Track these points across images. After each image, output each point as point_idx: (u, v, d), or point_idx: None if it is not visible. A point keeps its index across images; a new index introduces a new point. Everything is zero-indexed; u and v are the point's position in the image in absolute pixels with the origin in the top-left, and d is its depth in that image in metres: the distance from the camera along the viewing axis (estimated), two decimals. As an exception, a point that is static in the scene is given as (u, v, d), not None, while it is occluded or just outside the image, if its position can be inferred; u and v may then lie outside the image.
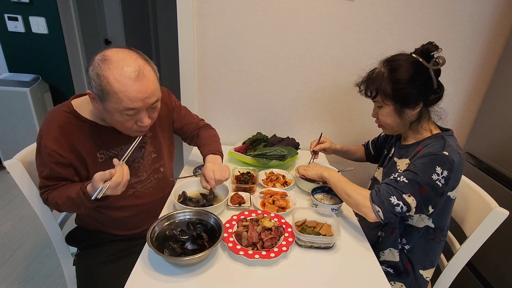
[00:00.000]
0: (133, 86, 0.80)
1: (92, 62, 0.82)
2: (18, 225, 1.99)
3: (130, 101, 0.81)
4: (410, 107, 0.96)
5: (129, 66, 0.81)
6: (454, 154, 0.88)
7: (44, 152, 0.89)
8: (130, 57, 0.83)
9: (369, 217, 0.93)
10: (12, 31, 2.40)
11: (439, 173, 0.87)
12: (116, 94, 0.80)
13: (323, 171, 1.11)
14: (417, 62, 0.93)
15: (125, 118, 0.86)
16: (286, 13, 1.44)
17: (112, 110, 0.84)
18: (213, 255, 0.87)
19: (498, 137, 1.42)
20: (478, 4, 1.41)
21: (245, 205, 1.09)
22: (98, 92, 0.82)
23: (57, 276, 1.64)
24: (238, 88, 1.60)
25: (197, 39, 1.49)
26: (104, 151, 0.98)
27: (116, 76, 0.79)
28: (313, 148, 1.34)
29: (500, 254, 1.35)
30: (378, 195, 0.92)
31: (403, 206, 0.89)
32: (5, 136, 2.44)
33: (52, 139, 0.88)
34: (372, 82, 1.01)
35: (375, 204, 0.92)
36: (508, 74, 1.42)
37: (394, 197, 0.89)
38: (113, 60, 0.80)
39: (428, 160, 0.89)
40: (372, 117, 1.09)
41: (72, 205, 0.89)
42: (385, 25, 1.45)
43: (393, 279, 1.03)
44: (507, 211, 0.92)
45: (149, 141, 1.08)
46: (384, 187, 0.93)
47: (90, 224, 1.10)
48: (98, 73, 0.80)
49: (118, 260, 1.02)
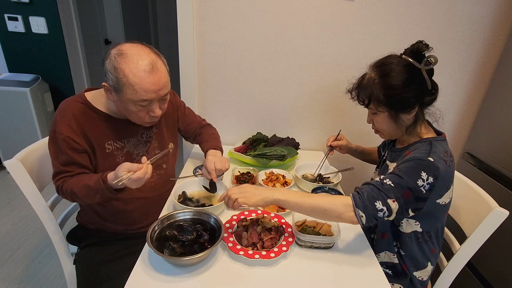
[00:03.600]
0: (147, 79, 0.86)
1: (108, 55, 0.87)
2: (18, 225, 1.99)
3: (145, 93, 0.87)
4: (406, 112, 0.92)
5: (144, 60, 0.86)
6: (439, 161, 0.84)
7: (60, 139, 0.92)
8: (143, 51, 0.88)
9: (353, 223, 0.86)
10: (12, 31, 2.40)
11: (424, 178, 0.83)
12: (132, 86, 0.86)
13: (271, 194, 0.89)
14: (408, 65, 0.89)
15: (139, 109, 0.92)
16: (286, 13, 1.44)
17: (127, 101, 0.89)
18: (213, 255, 0.87)
19: (498, 137, 1.42)
20: (478, 4, 1.41)
21: (245, 205, 1.09)
22: (114, 84, 0.87)
23: (57, 276, 1.64)
24: (238, 88, 1.60)
25: (197, 39, 1.49)
26: (112, 142, 1.01)
27: (132, 69, 0.85)
28: (330, 143, 1.32)
29: (500, 254, 1.35)
30: (362, 198, 0.84)
31: (386, 211, 0.84)
32: (5, 136, 2.44)
33: (67, 126, 0.93)
34: (363, 89, 0.96)
35: (359, 209, 0.84)
36: (508, 74, 1.42)
37: (380, 202, 0.83)
38: (128, 54, 0.86)
39: (413, 164, 0.85)
40: (367, 123, 1.06)
41: (88, 191, 0.91)
42: (385, 25, 1.45)
43: (392, 281, 1.03)
44: (507, 211, 0.92)
45: (154, 137, 1.12)
46: (368, 190, 0.86)
47: (91, 221, 1.10)
48: (115, 66, 0.85)
49: (118, 260, 1.02)
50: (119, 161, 1.02)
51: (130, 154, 1.06)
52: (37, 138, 2.32)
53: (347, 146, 1.35)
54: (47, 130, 2.51)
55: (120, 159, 1.03)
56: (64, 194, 0.97)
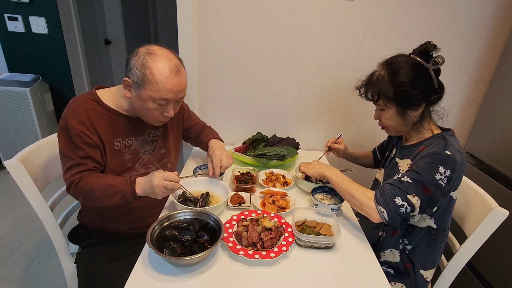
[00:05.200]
0: (172, 80, 0.92)
1: (137, 53, 0.92)
2: (18, 225, 1.99)
3: (167, 92, 0.92)
4: (413, 109, 0.96)
5: (171, 61, 0.92)
6: (457, 154, 0.88)
7: (74, 134, 0.93)
8: (171, 54, 0.95)
9: (373, 218, 0.93)
10: (12, 31, 2.40)
11: (442, 172, 0.86)
12: (156, 84, 0.90)
13: (324, 170, 1.09)
14: (417, 63, 0.92)
15: (156, 107, 0.95)
16: (286, 13, 1.44)
17: (147, 98, 0.93)
18: (213, 255, 0.87)
19: (498, 137, 1.42)
20: (478, 4, 1.41)
21: (245, 205, 1.09)
22: (137, 80, 0.91)
23: (57, 276, 1.64)
24: (238, 88, 1.60)
25: (197, 39, 1.49)
26: (121, 139, 1.03)
27: (160, 68, 0.90)
28: (330, 144, 1.36)
29: (500, 254, 1.35)
30: (382, 195, 0.91)
31: (407, 206, 0.88)
32: (5, 136, 2.44)
33: (79, 122, 0.94)
34: (372, 86, 0.99)
35: (379, 205, 0.91)
36: (508, 74, 1.42)
37: (399, 197, 0.89)
38: (158, 54, 0.91)
39: (431, 160, 0.88)
40: (375, 119, 1.09)
41: (110, 191, 0.93)
42: (385, 25, 1.45)
43: (394, 280, 1.03)
44: (507, 211, 0.92)
45: (160, 136, 1.14)
46: (388, 188, 0.92)
47: (92, 221, 1.11)
48: (143, 63, 0.90)
49: (118, 260, 1.02)
50: (126, 158, 1.04)
51: (137, 152, 1.07)
52: (37, 138, 2.32)
53: (344, 151, 1.38)
54: (47, 130, 2.51)
55: (127, 156, 1.05)
56: (77, 191, 0.95)
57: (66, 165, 0.96)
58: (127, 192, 0.92)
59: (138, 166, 1.08)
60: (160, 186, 0.90)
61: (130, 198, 0.93)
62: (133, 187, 0.93)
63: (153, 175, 0.92)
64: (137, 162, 1.08)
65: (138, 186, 0.93)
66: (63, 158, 0.97)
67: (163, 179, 0.91)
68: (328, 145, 1.36)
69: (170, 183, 0.91)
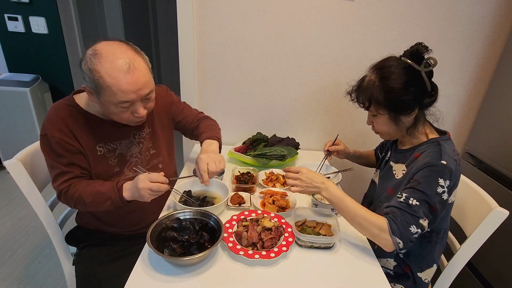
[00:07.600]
0: (124, 79, 0.82)
1: (84, 56, 0.83)
2: (18, 225, 1.99)
3: (123, 94, 0.83)
4: (406, 114, 0.92)
5: (120, 59, 0.82)
6: (451, 162, 0.86)
7: (54, 142, 0.90)
8: (119, 49, 0.84)
9: (387, 248, 0.87)
10: (12, 31, 2.40)
11: (442, 184, 0.84)
12: (109, 88, 0.81)
13: (321, 189, 0.94)
14: (408, 67, 0.89)
15: (121, 110, 0.88)
16: (286, 13, 1.44)
17: (107, 103, 0.86)
18: (213, 255, 0.87)
19: (498, 137, 1.42)
20: (478, 4, 1.41)
21: (245, 205, 1.09)
22: (92, 86, 0.84)
23: (57, 276, 1.64)
24: (238, 88, 1.60)
25: (197, 39, 1.49)
26: (103, 144, 0.99)
27: (107, 70, 0.80)
28: (327, 147, 1.31)
29: (500, 254, 1.35)
30: (397, 225, 0.85)
31: (419, 231, 0.86)
32: (5, 136, 2.44)
33: (57, 130, 0.90)
34: (363, 92, 0.96)
35: (395, 236, 0.85)
36: (508, 74, 1.42)
37: (414, 226, 0.85)
38: (103, 54, 0.81)
39: (429, 173, 0.86)
40: (367, 125, 1.06)
41: (100, 198, 0.91)
42: (385, 25, 1.45)
43: (393, 281, 1.03)
44: (507, 211, 0.92)
45: (147, 137, 1.09)
46: (400, 216, 0.86)
47: (90, 223, 1.10)
48: (90, 67, 0.81)
49: (118, 260, 1.02)
50: (112, 163, 1.01)
51: (123, 156, 1.03)
52: (37, 138, 2.29)
53: (345, 151, 1.34)
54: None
55: (112, 161, 1.01)
56: (68, 199, 0.94)
57: (52, 174, 0.95)
58: (115, 199, 0.90)
59: (126, 170, 1.04)
60: (145, 188, 0.86)
61: (120, 204, 0.91)
62: (120, 194, 0.90)
63: (138, 178, 0.88)
64: (126, 165, 1.04)
65: (125, 191, 0.91)
66: (49, 167, 0.95)
67: (148, 181, 0.87)
68: (326, 148, 1.32)
69: (155, 184, 0.87)
